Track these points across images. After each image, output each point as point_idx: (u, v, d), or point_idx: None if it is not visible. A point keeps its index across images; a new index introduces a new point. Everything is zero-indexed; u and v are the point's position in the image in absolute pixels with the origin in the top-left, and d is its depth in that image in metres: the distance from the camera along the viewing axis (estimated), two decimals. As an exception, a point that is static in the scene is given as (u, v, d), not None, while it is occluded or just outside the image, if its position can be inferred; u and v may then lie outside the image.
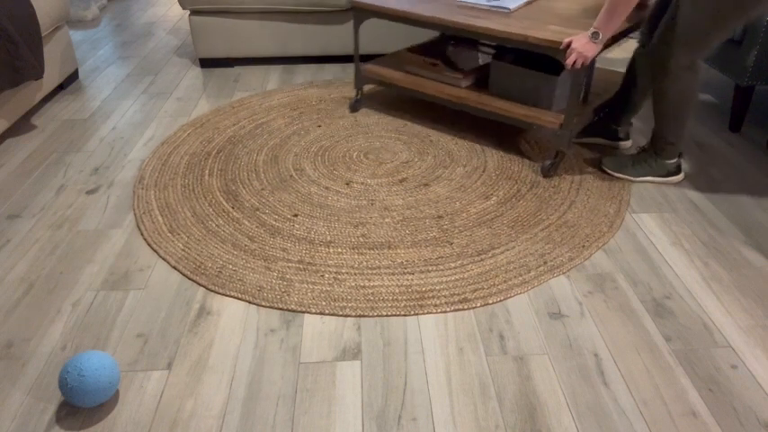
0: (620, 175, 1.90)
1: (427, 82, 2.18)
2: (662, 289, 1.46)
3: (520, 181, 1.90)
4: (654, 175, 1.89)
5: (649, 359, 1.26)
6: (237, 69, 2.92)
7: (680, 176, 1.90)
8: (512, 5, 1.96)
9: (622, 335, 1.32)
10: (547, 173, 1.92)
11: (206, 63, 2.94)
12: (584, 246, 1.60)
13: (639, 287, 1.46)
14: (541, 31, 1.76)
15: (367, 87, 2.63)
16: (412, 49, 2.32)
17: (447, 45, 2.38)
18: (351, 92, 2.60)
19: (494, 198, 1.81)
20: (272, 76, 2.82)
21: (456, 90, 2.10)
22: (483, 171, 1.96)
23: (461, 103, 2.04)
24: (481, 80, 2.16)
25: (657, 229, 1.68)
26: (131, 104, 2.54)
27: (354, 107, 2.41)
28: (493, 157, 2.04)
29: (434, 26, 1.95)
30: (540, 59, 2.05)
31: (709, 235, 1.65)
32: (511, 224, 1.69)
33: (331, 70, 2.89)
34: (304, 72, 2.88)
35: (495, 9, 1.97)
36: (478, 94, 2.06)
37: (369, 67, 2.32)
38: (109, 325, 1.36)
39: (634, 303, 1.41)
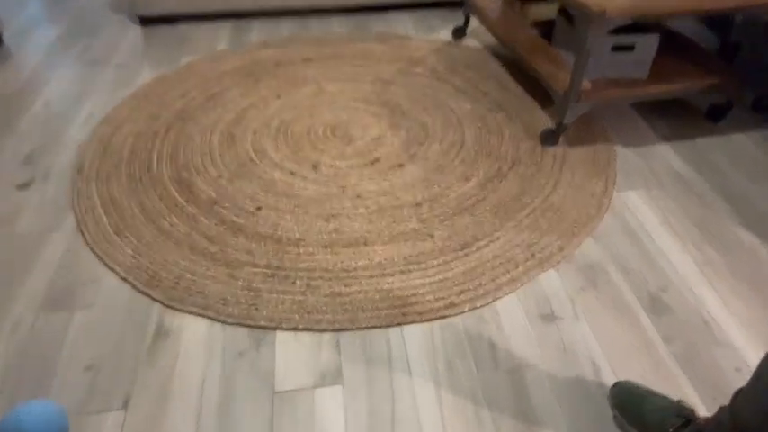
0: None
1: (502, 20, 2.20)
2: (656, 280, 1.37)
3: (500, 158, 1.76)
4: None
5: (650, 365, 1.18)
6: (183, 27, 2.63)
7: None
8: None
9: (619, 337, 1.24)
10: (544, 141, 1.79)
11: (146, 21, 2.64)
12: (572, 232, 1.49)
13: (633, 278, 1.37)
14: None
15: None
16: None
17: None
18: (312, 52, 2.37)
19: (474, 179, 1.68)
20: (223, 35, 2.56)
21: (518, 34, 2.09)
22: (461, 147, 1.81)
23: (511, 44, 2.05)
24: (548, 34, 2.09)
25: (646, 207, 1.58)
26: (65, 74, 2.26)
27: (457, 33, 2.49)
28: (470, 130, 1.89)
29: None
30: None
31: (699, 213, 1.57)
32: (494, 210, 1.56)
33: (287, 25, 2.63)
34: (258, 28, 2.62)
35: None
36: (533, 42, 2.04)
37: None
38: (52, 356, 1.20)
39: (629, 298, 1.33)
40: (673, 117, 1.97)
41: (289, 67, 2.27)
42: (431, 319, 1.27)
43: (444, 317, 1.28)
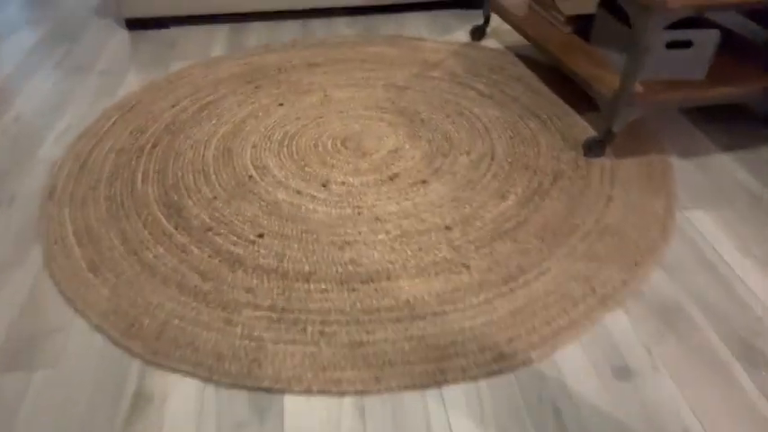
0: None
1: (530, 18, 1.99)
2: (746, 322, 1.13)
3: (540, 171, 1.52)
4: None
5: (757, 435, 0.94)
6: (174, 31, 2.40)
7: None
8: None
9: (713, 397, 0.99)
10: (587, 151, 1.56)
11: (134, 24, 2.41)
12: (636, 262, 1.25)
13: (718, 320, 1.13)
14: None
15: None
16: None
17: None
18: (317, 57, 2.14)
19: (511, 197, 1.44)
20: (218, 39, 2.33)
21: (550, 32, 1.88)
22: (492, 159, 1.57)
23: (542, 44, 1.83)
24: (585, 31, 1.86)
25: (720, 233, 1.34)
26: (41, 83, 2.02)
27: (476, 34, 2.26)
28: (501, 140, 1.65)
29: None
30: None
31: (781, 236, 1.33)
32: (539, 234, 1.32)
33: (289, 28, 2.40)
34: (257, 31, 2.39)
35: None
36: (569, 40, 1.82)
37: None
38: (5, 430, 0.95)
39: (717, 347, 1.08)
40: (728, 123, 1.74)
41: (292, 73, 2.03)
42: (476, 377, 1.02)
43: (493, 373, 1.03)
